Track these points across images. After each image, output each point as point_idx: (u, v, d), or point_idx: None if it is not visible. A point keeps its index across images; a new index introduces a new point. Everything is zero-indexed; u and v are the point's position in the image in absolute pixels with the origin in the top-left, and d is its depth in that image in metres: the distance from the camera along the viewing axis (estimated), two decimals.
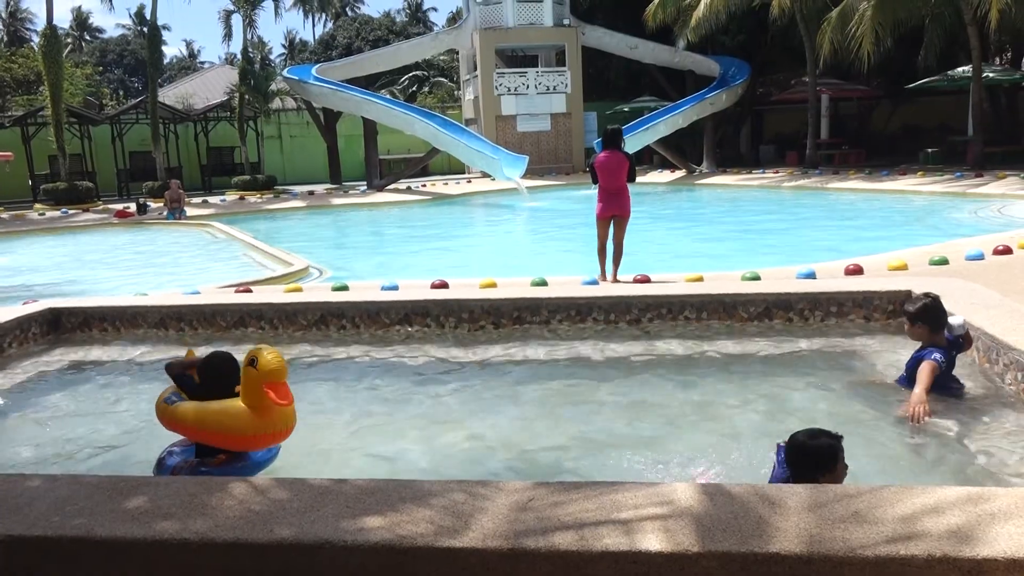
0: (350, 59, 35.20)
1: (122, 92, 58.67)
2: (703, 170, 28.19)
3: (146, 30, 31.51)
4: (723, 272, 8.38)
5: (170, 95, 37.43)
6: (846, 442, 3.04)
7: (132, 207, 23.14)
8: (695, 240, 14.41)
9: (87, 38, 71.58)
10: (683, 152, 29.49)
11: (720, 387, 4.99)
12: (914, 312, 4.50)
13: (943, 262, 8.34)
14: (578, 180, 26.48)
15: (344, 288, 8.15)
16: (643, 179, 26.63)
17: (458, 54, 36.86)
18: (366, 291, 7.79)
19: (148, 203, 23.69)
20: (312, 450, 4.26)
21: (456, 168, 36.00)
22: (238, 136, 30.50)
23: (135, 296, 8.13)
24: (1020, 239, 9.28)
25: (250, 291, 8.36)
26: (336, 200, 25.32)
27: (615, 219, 8.59)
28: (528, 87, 31.30)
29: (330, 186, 31.74)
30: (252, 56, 31.91)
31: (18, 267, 14.54)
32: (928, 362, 4.28)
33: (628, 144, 10.63)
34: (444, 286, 7.84)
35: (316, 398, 5.12)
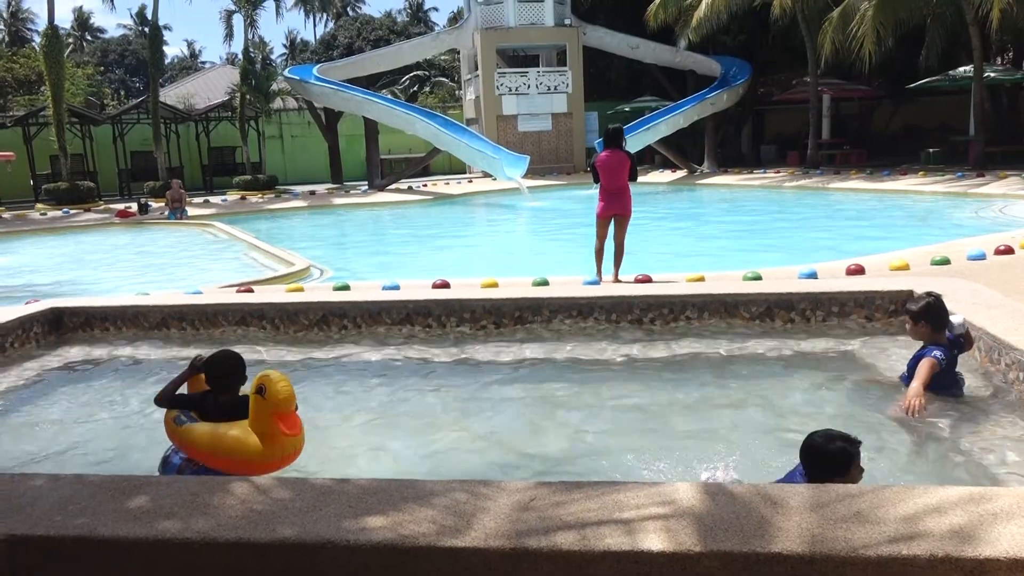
0: (351, 59, 35.20)
1: (123, 92, 58.72)
2: (704, 170, 28.19)
3: (147, 30, 31.50)
4: (724, 272, 8.38)
5: (171, 95, 37.45)
6: None
7: (133, 207, 23.17)
8: (696, 240, 14.40)
9: (88, 38, 71.65)
10: (684, 152, 29.51)
11: (722, 387, 4.99)
12: (917, 311, 4.51)
13: (945, 262, 8.33)
14: (579, 180, 26.50)
15: (345, 288, 8.15)
16: (644, 179, 26.64)
17: (459, 54, 36.87)
18: (367, 291, 7.79)
19: (149, 203, 23.71)
20: (314, 450, 4.24)
21: (457, 168, 36.01)
22: (239, 136, 30.52)
23: (137, 296, 8.13)
24: (1022, 239, 9.27)
25: (252, 291, 8.37)
26: (337, 200, 25.34)
27: (616, 218, 8.59)
28: (529, 87, 31.30)
29: (331, 186, 31.76)
30: (253, 56, 31.95)
31: (20, 267, 14.56)
32: (928, 359, 4.31)
33: (629, 144, 10.63)
34: (446, 286, 7.85)
35: (317, 398, 5.12)
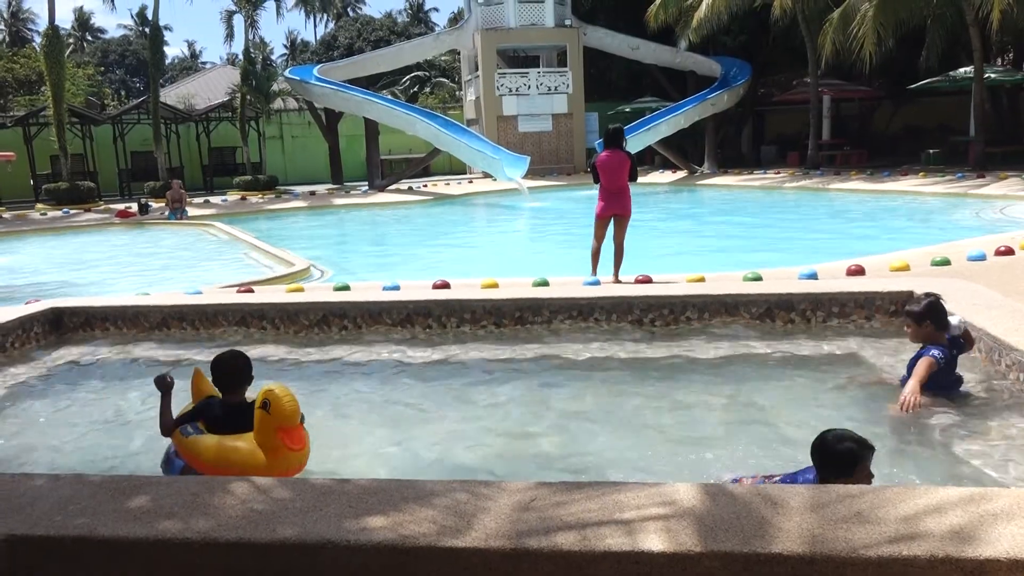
0: (352, 59, 35.20)
1: (124, 92, 58.78)
2: (704, 171, 28.19)
3: (148, 30, 31.53)
4: (725, 272, 8.38)
5: (172, 95, 37.47)
6: None
7: (134, 207, 23.17)
8: (696, 240, 14.40)
9: (89, 38, 71.67)
10: (684, 153, 29.50)
11: (722, 387, 4.99)
12: (920, 311, 4.50)
13: (945, 263, 8.33)
14: (579, 180, 26.49)
15: (346, 288, 8.15)
16: (645, 179, 26.62)
17: (459, 54, 36.88)
18: (368, 291, 7.79)
19: (150, 203, 23.71)
20: (314, 450, 4.24)
21: (457, 168, 36.01)
22: (240, 136, 30.51)
23: (137, 296, 8.13)
24: (1022, 240, 9.26)
25: (252, 291, 8.37)
26: (337, 200, 25.34)
27: (616, 218, 8.60)
28: (529, 87, 31.30)
29: (331, 186, 31.76)
30: (254, 56, 31.95)
31: (20, 267, 14.56)
32: (926, 358, 4.32)
33: (630, 144, 10.64)
34: (446, 286, 7.84)
35: (317, 398, 5.12)
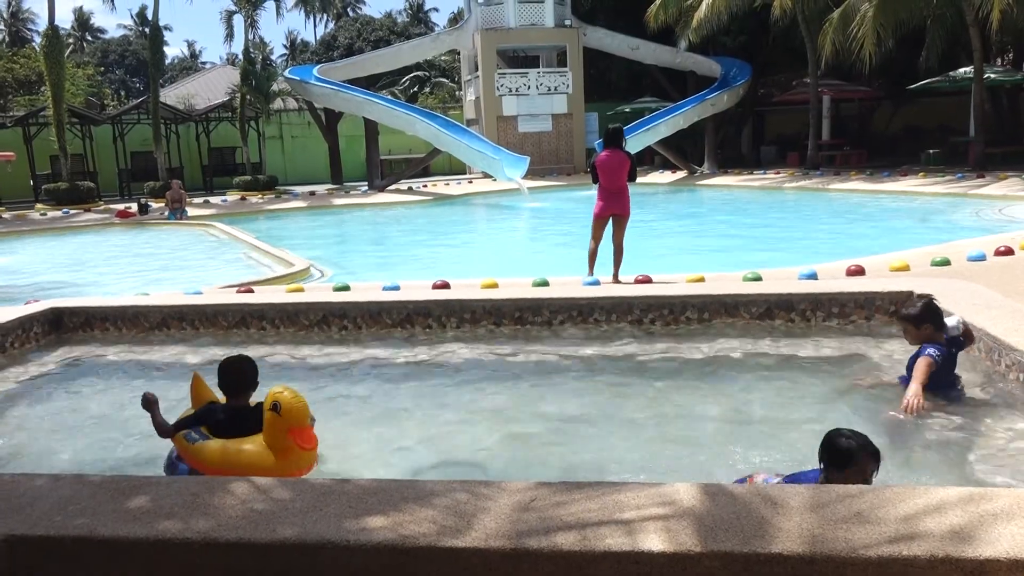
0: (351, 60, 35.20)
1: (123, 92, 58.78)
2: (704, 171, 28.19)
3: (148, 30, 31.53)
4: (725, 272, 8.38)
5: (172, 95, 37.46)
6: None
7: (133, 207, 23.16)
8: (696, 240, 14.40)
9: (89, 38, 71.67)
10: (684, 153, 29.50)
11: (721, 387, 4.99)
12: (918, 314, 4.51)
13: (945, 263, 8.33)
14: (579, 181, 26.48)
15: (346, 288, 8.15)
16: (644, 180, 26.64)
17: (459, 55, 36.87)
18: (368, 291, 7.79)
19: (149, 203, 23.71)
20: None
21: (457, 168, 36.01)
22: (239, 136, 30.50)
23: (137, 296, 8.13)
24: (1022, 240, 9.27)
25: (252, 291, 8.37)
26: (337, 200, 25.34)
27: (615, 218, 8.60)
28: (529, 88, 31.30)
29: (331, 186, 31.75)
30: (253, 56, 31.93)
31: (20, 267, 14.56)
32: (923, 358, 4.32)
33: (629, 144, 10.64)
34: (446, 286, 7.84)
35: (316, 398, 5.11)
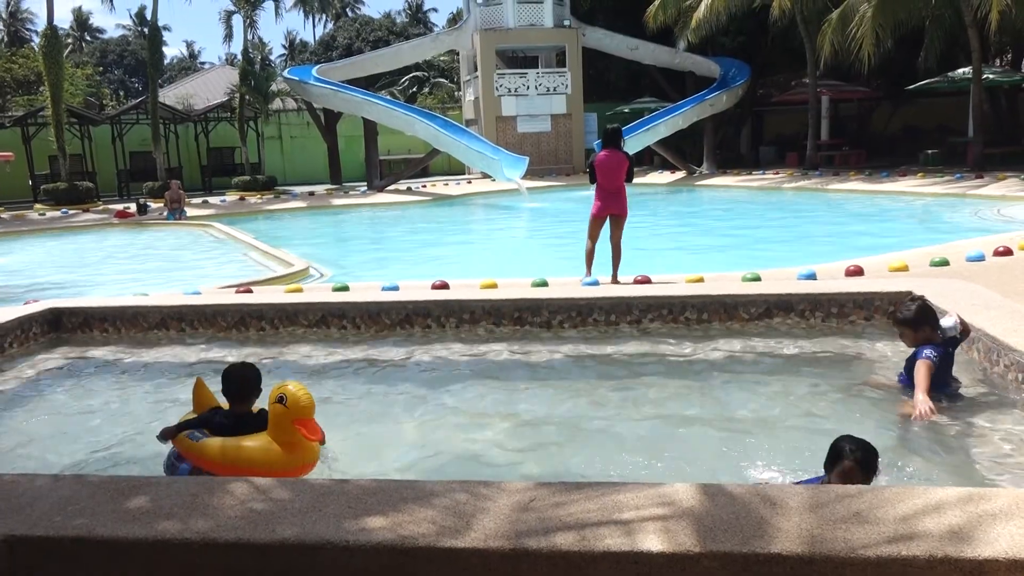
0: (350, 60, 35.21)
1: (122, 92, 58.76)
2: (703, 171, 28.20)
3: (147, 31, 31.52)
4: (724, 273, 8.39)
5: (170, 95, 37.48)
6: None
7: (132, 207, 23.16)
8: (695, 241, 14.40)
9: (87, 38, 71.66)
10: (683, 153, 29.50)
11: (720, 388, 4.99)
12: (915, 317, 4.50)
13: (944, 263, 8.34)
14: (578, 181, 26.47)
15: (345, 289, 8.15)
16: (644, 180, 26.68)
17: (458, 55, 36.90)
18: (367, 292, 7.79)
19: (148, 203, 23.71)
20: None
21: (456, 169, 36.01)
22: (238, 136, 30.51)
23: (136, 296, 8.13)
24: (1020, 240, 9.28)
25: (251, 291, 8.37)
26: (336, 201, 25.34)
27: (612, 218, 8.61)
28: (528, 88, 31.30)
29: (330, 187, 31.74)
30: (252, 57, 31.94)
31: (18, 267, 14.55)
32: (921, 361, 4.30)
33: (628, 145, 10.65)
34: (445, 287, 7.84)
35: (315, 398, 5.09)
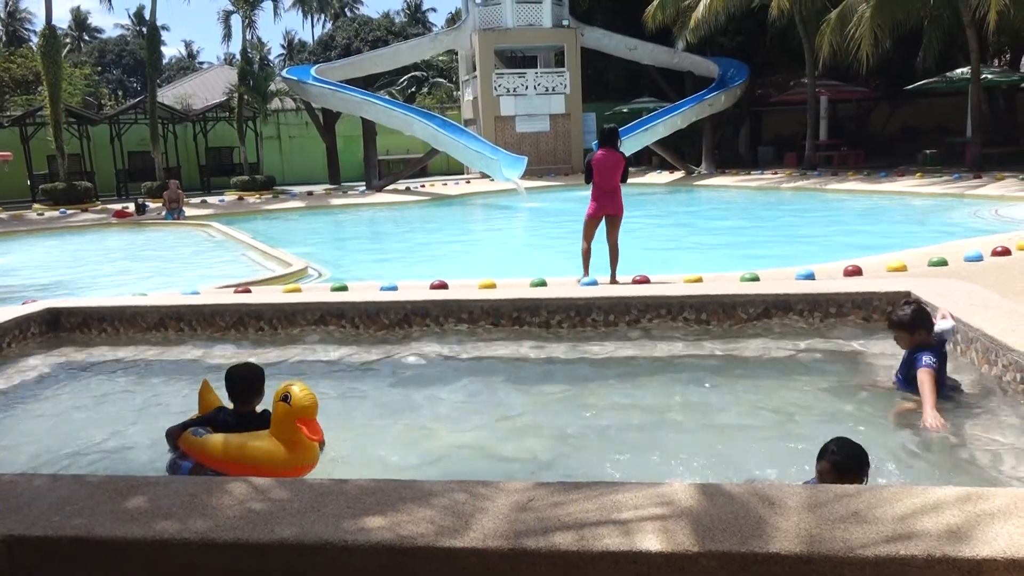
0: (349, 60, 35.19)
1: (121, 92, 58.71)
2: (702, 171, 28.20)
3: (145, 30, 31.52)
4: (722, 273, 8.39)
5: (169, 95, 37.43)
6: None
7: (131, 207, 23.12)
8: (694, 241, 14.41)
9: (86, 38, 71.58)
10: (682, 153, 29.50)
11: (719, 388, 5.00)
12: (911, 320, 4.49)
13: (942, 263, 8.35)
14: (577, 181, 26.22)
15: (343, 288, 8.14)
16: (642, 180, 26.71)
17: (457, 55, 36.87)
18: (365, 291, 7.79)
19: (147, 203, 23.68)
20: None
21: (455, 169, 35.99)
22: (237, 136, 30.46)
23: (134, 296, 8.12)
24: (1018, 240, 9.29)
25: (249, 291, 8.36)
26: (335, 200, 25.32)
27: (609, 218, 8.62)
28: (527, 88, 31.30)
29: (329, 186, 31.71)
30: (251, 56, 31.87)
31: (17, 267, 14.54)
32: (923, 370, 4.25)
33: (627, 145, 10.66)
34: (443, 287, 7.84)
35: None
